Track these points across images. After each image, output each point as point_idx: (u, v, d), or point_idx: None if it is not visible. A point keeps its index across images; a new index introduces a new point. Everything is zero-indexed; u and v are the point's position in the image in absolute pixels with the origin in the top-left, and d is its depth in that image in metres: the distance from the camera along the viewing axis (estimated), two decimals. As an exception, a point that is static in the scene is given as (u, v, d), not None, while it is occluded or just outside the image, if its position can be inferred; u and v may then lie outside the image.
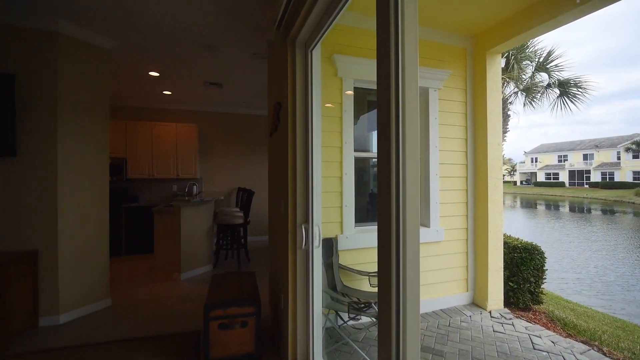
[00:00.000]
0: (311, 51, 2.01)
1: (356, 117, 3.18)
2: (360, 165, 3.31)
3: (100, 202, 3.26)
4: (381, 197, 1.02)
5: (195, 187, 5.24)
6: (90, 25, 2.93)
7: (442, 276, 3.32)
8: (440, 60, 3.30)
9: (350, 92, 3.03)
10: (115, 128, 5.45)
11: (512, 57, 5.22)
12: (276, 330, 2.65)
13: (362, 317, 2.82)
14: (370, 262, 3.03)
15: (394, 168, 0.97)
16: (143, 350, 2.41)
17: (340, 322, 2.86)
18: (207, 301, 2.27)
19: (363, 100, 3.33)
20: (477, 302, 3.38)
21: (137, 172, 5.63)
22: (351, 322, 2.88)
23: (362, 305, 2.40)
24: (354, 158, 3.06)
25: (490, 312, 3.23)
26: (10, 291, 2.45)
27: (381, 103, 1.03)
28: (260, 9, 2.63)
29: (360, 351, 2.50)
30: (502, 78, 5.34)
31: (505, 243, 3.46)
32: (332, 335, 2.79)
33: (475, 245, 3.43)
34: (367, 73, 2.99)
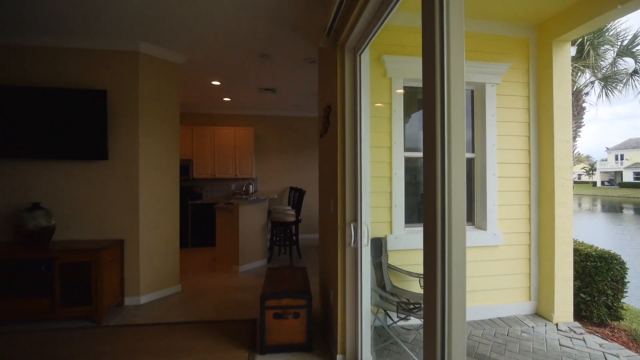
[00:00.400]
0: (360, 55, 2.07)
1: (407, 116, 3.15)
2: (412, 165, 3.27)
3: (172, 199, 3.68)
4: (427, 197, 1.05)
5: (251, 186, 5.59)
6: (165, 44, 3.33)
7: (500, 282, 3.13)
8: (499, 53, 3.11)
9: (400, 91, 3.01)
10: (183, 133, 6.06)
11: (588, 43, 4.66)
12: (326, 323, 2.75)
13: (412, 318, 2.80)
14: (420, 263, 2.98)
15: (439, 168, 0.99)
16: (208, 332, 2.69)
17: (389, 321, 2.86)
18: (263, 291, 2.45)
19: (414, 99, 3.28)
20: (542, 313, 3.12)
21: (202, 172, 6.20)
22: (401, 323, 2.86)
23: (412, 307, 2.39)
24: (404, 158, 3.04)
25: (556, 324, 2.96)
26: (104, 273, 2.92)
27: (426, 102, 1.06)
28: (310, 18, 2.75)
29: (409, 352, 2.49)
30: (576, 67, 4.80)
31: (576, 250, 3.13)
32: (380, 334, 2.81)
33: (540, 251, 3.17)
34: (417, 72, 2.92)
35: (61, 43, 3.19)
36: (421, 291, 2.84)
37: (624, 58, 4.81)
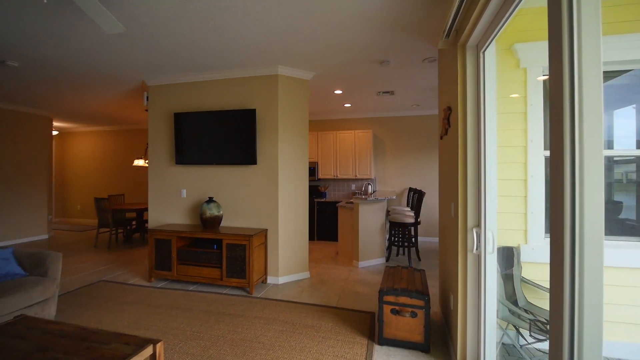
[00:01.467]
0: (483, 52, 1.97)
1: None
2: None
3: (303, 196, 4.25)
4: (553, 204, 0.99)
5: (370, 186, 5.83)
6: (298, 65, 3.89)
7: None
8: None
9: (542, 78, 2.65)
10: (310, 138, 6.84)
11: None
12: (446, 328, 2.70)
13: (553, 342, 2.43)
14: (565, 280, 2.54)
15: (567, 170, 0.92)
16: (331, 316, 3.04)
17: (522, 341, 2.57)
18: (382, 286, 2.61)
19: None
20: None
21: (325, 173, 6.82)
22: (538, 345, 2.53)
23: (550, 327, 2.10)
24: (544, 158, 2.65)
25: None
26: (254, 254, 3.66)
27: (553, 92, 0.98)
28: (429, 20, 2.74)
29: (547, 379, 2.19)
30: None
31: None
32: (511, 353, 2.55)
33: None
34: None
35: (226, 75, 4.16)
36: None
37: None
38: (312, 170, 6.80)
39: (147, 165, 7.00)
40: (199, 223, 4.29)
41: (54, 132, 9.21)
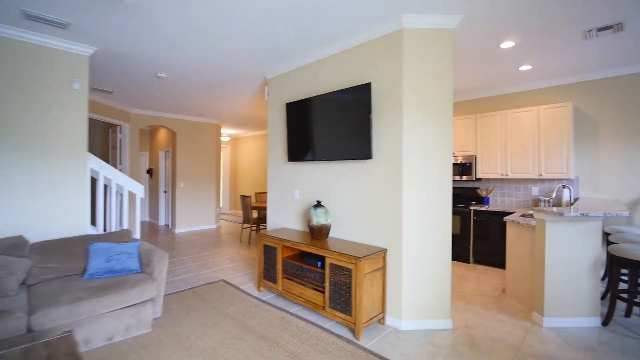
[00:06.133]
0: None
1: None
2: None
3: (442, 204, 2.85)
4: None
5: (567, 191, 3.65)
6: (433, 6, 2.56)
7: None
8: None
9: None
10: (464, 124, 5.11)
11: None
12: None
13: None
14: None
15: None
16: None
17: None
18: None
19: None
20: None
21: (487, 171, 4.92)
22: None
23: None
24: None
25: None
26: (362, 285, 2.61)
27: None
28: None
29: None
30: None
31: None
32: None
33: None
34: None
35: (336, 49, 3.27)
36: None
37: None
38: (468, 167, 5.04)
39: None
40: (308, 231, 3.63)
41: (227, 138, 11.01)
